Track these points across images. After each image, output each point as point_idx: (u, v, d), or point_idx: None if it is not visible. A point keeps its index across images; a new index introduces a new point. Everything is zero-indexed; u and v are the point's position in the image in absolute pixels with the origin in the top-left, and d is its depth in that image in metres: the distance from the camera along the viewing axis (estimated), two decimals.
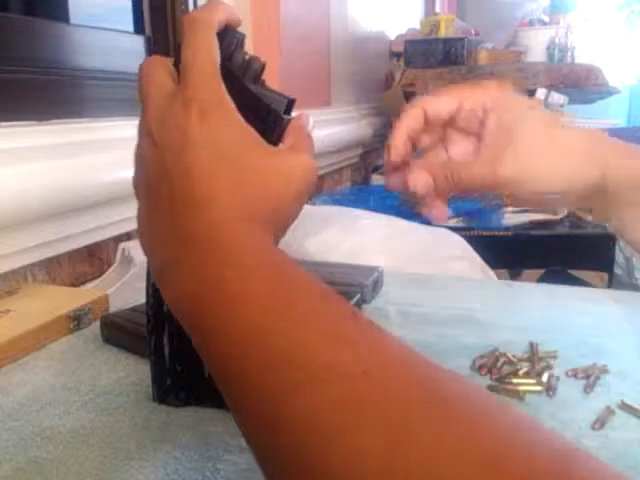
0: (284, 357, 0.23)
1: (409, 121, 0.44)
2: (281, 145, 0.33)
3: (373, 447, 0.19)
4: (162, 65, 0.32)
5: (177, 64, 0.32)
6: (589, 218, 1.50)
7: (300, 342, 0.23)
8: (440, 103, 0.45)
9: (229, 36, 0.33)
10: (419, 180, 0.43)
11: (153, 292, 0.37)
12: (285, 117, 0.33)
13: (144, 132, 0.31)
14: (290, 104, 0.33)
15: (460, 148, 0.46)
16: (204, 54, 0.31)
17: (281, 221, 0.31)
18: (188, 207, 0.29)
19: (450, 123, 0.45)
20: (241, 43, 0.34)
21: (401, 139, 0.44)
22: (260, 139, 0.31)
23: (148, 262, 0.35)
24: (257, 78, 0.34)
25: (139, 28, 0.93)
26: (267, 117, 0.32)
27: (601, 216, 0.45)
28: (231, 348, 0.25)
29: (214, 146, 0.29)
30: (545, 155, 0.42)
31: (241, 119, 0.31)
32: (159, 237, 0.30)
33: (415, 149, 0.46)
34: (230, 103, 0.31)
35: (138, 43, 0.92)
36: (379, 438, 0.19)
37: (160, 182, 0.29)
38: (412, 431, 0.19)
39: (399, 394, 0.21)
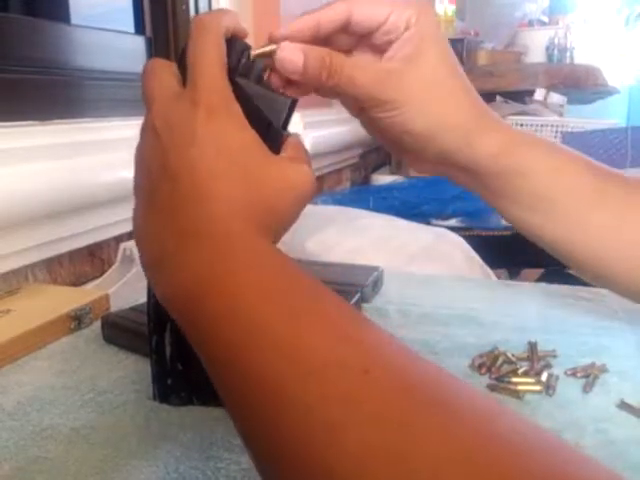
0: (285, 351, 0.23)
1: (327, 18, 0.36)
2: (282, 154, 0.33)
3: (374, 445, 0.19)
4: (167, 67, 0.33)
5: (180, 67, 0.32)
6: None
7: (301, 337, 0.23)
8: (371, 11, 0.37)
9: (236, 46, 0.33)
10: (289, 54, 0.34)
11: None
12: (284, 133, 0.34)
13: (149, 129, 0.31)
14: (293, 104, 0.34)
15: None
16: (212, 55, 0.31)
17: (277, 227, 0.31)
18: (189, 202, 0.29)
19: (364, 37, 0.38)
20: (247, 53, 0.34)
21: (303, 26, 0.35)
22: (263, 145, 0.31)
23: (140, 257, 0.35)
24: (260, 78, 0.34)
25: (140, 29, 0.93)
26: (268, 130, 0.33)
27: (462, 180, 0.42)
28: (230, 341, 0.25)
29: (220, 145, 0.30)
30: (441, 92, 0.38)
31: (246, 122, 0.31)
32: (156, 231, 0.30)
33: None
34: (236, 106, 0.31)
35: (139, 44, 0.92)
36: (380, 436, 0.20)
37: (162, 177, 0.30)
38: (413, 433, 0.20)
39: (400, 395, 0.21)
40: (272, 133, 0.33)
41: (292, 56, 0.35)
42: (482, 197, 0.44)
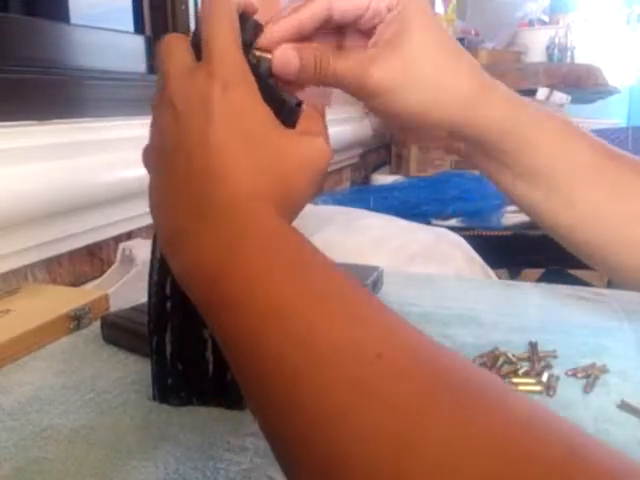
0: (300, 335, 0.23)
1: (308, 15, 0.36)
2: (297, 128, 0.33)
3: (387, 429, 0.19)
4: (182, 41, 0.32)
5: (193, 47, 0.32)
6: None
7: (316, 321, 0.23)
8: (350, 1, 0.37)
9: (247, 22, 0.33)
10: (284, 56, 0.35)
11: (155, 290, 0.37)
12: (298, 108, 0.33)
13: (165, 103, 0.31)
14: (299, 105, 0.34)
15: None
16: (226, 28, 0.31)
17: (293, 204, 0.31)
18: (205, 179, 0.29)
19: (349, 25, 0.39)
20: (260, 32, 0.34)
21: (287, 27, 0.36)
22: (276, 120, 0.31)
23: (153, 242, 0.35)
24: (267, 77, 0.34)
25: (139, 28, 0.93)
26: (282, 108, 0.32)
27: (467, 158, 0.42)
28: (246, 322, 0.25)
29: (235, 121, 0.30)
30: (429, 69, 0.38)
31: (260, 97, 0.31)
32: (173, 205, 0.30)
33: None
34: (252, 78, 0.31)
35: (138, 43, 0.92)
36: (393, 421, 0.19)
37: (178, 153, 0.30)
38: (426, 418, 0.19)
39: (413, 379, 0.21)
40: (286, 110, 0.33)
41: (289, 58, 0.35)
42: (486, 172, 0.43)
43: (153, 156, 0.32)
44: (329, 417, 0.21)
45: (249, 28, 0.33)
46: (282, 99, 0.33)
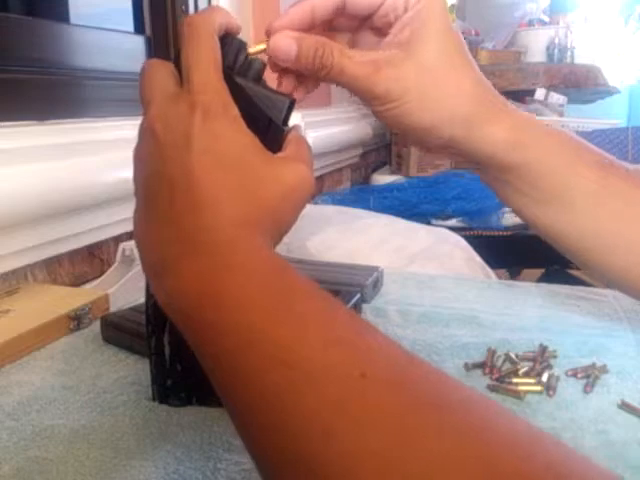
0: (281, 359, 0.23)
1: (321, 1, 0.36)
2: (281, 153, 0.33)
3: (370, 449, 0.19)
4: (164, 67, 0.32)
5: (178, 67, 0.32)
6: None
7: (298, 344, 0.23)
8: None
9: (231, 43, 0.33)
10: (281, 42, 0.35)
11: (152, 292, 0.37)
12: (285, 128, 0.33)
13: (147, 132, 0.31)
14: (292, 104, 0.34)
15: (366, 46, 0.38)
16: (207, 56, 0.31)
17: (277, 229, 0.31)
18: (188, 209, 0.29)
19: (366, 19, 0.38)
20: (243, 51, 0.34)
21: (300, 13, 0.35)
22: (261, 146, 0.31)
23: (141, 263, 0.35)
24: (259, 78, 0.34)
25: (139, 28, 0.93)
26: (268, 127, 0.32)
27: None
28: (228, 350, 0.25)
29: (217, 150, 0.29)
30: (438, 80, 0.36)
31: (244, 125, 0.31)
32: (156, 235, 0.30)
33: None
34: (234, 107, 0.31)
35: (138, 43, 0.92)
36: (377, 441, 0.20)
37: (161, 182, 0.30)
38: (409, 436, 0.20)
39: (397, 398, 0.21)
40: (272, 130, 0.33)
41: (284, 44, 0.34)
42: (492, 187, 0.42)
43: (139, 182, 0.32)
44: (314, 437, 0.21)
45: (233, 49, 0.33)
46: (269, 118, 0.32)
